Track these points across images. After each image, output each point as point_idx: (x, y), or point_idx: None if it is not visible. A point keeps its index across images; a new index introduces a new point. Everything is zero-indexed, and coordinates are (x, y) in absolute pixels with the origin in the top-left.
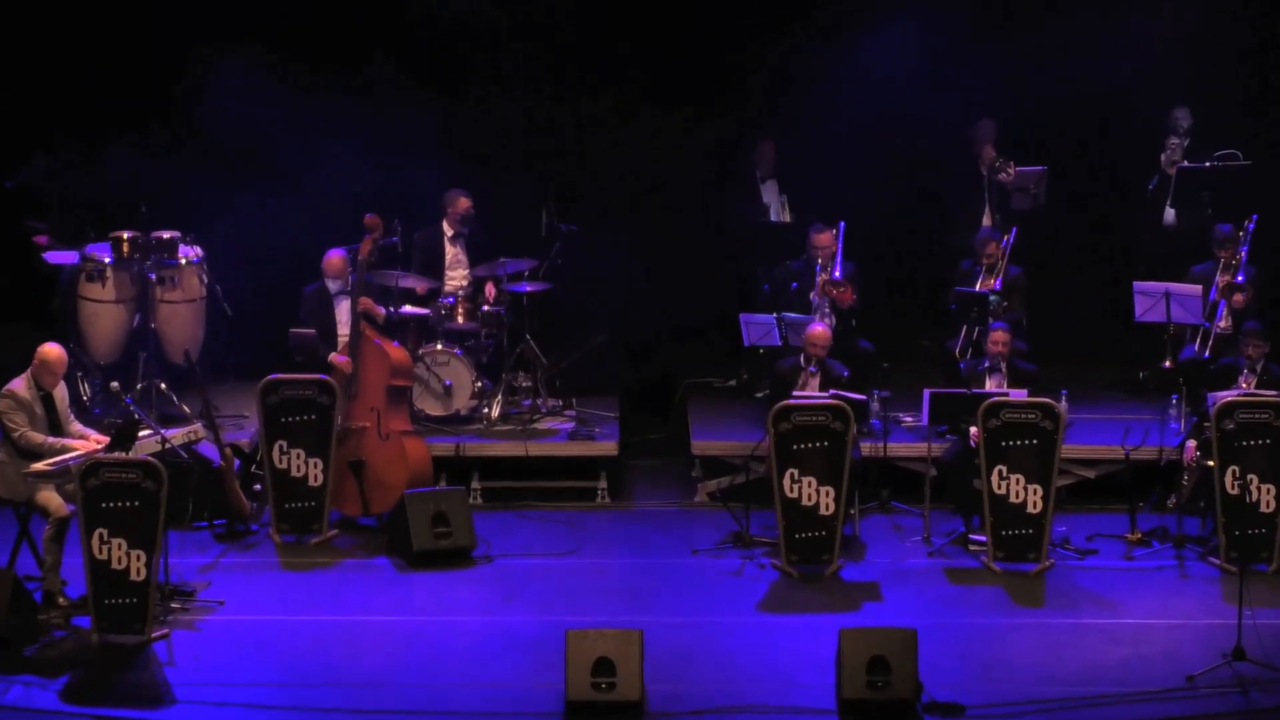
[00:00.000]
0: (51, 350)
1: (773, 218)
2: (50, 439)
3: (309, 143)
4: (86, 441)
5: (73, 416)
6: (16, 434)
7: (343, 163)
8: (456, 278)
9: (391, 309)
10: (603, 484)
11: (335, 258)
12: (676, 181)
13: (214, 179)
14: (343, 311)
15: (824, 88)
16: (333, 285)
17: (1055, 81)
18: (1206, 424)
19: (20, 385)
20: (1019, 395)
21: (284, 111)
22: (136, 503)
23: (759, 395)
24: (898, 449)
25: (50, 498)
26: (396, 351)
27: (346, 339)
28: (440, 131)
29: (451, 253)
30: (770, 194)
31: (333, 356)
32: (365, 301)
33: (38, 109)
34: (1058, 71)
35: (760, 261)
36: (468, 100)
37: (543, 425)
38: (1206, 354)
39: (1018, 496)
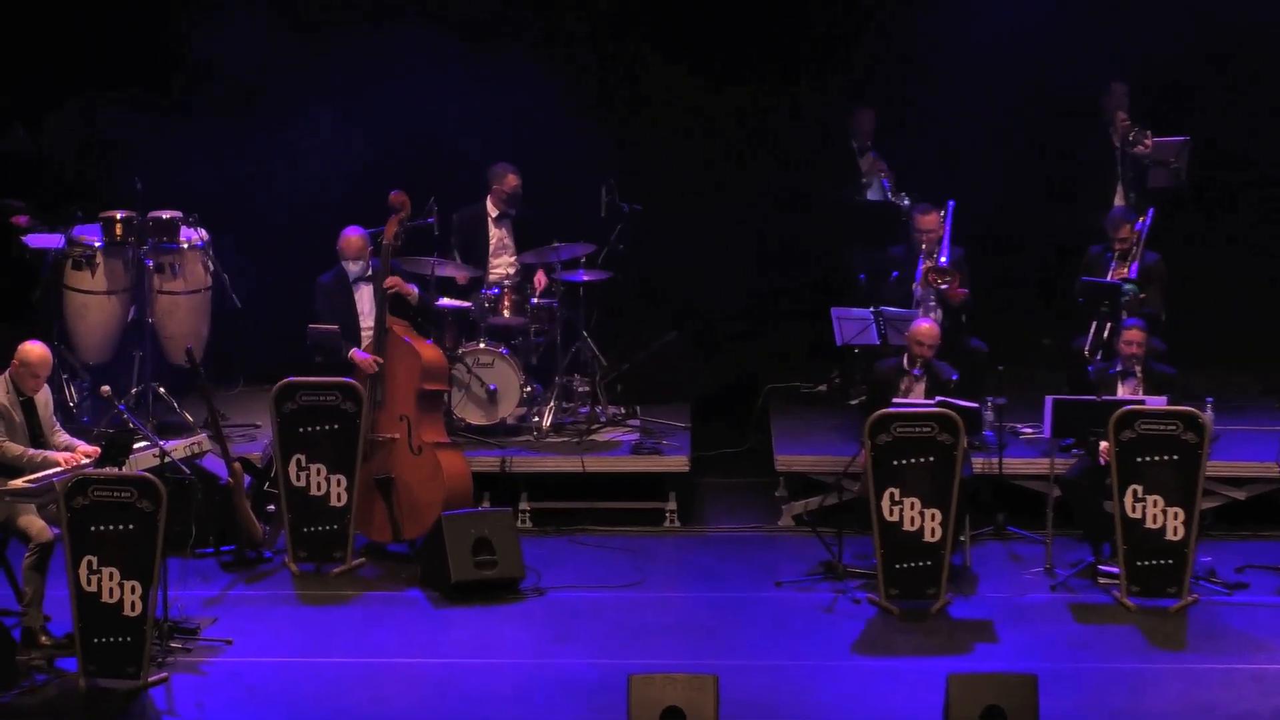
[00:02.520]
0: (33, 349)
1: (870, 196)
2: (31, 450)
3: (327, 107)
4: (73, 454)
5: (58, 425)
6: None
7: (368, 131)
8: (501, 265)
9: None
10: (671, 505)
11: (353, 236)
12: (758, 155)
13: (218, 149)
14: (365, 300)
15: (929, 50)
16: (352, 269)
17: (1199, 37)
18: None
19: None
20: (1156, 403)
21: (296, 69)
22: (131, 525)
23: (853, 402)
24: (1015, 465)
25: (31, 521)
26: (429, 350)
27: (371, 333)
28: (483, 96)
29: (496, 236)
30: (869, 169)
31: (354, 353)
32: (393, 281)
33: (12, 69)
34: (1201, 25)
35: (855, 247)
36: (516, 60)
37: (602, 437)
38: None
39: (1155, 521)
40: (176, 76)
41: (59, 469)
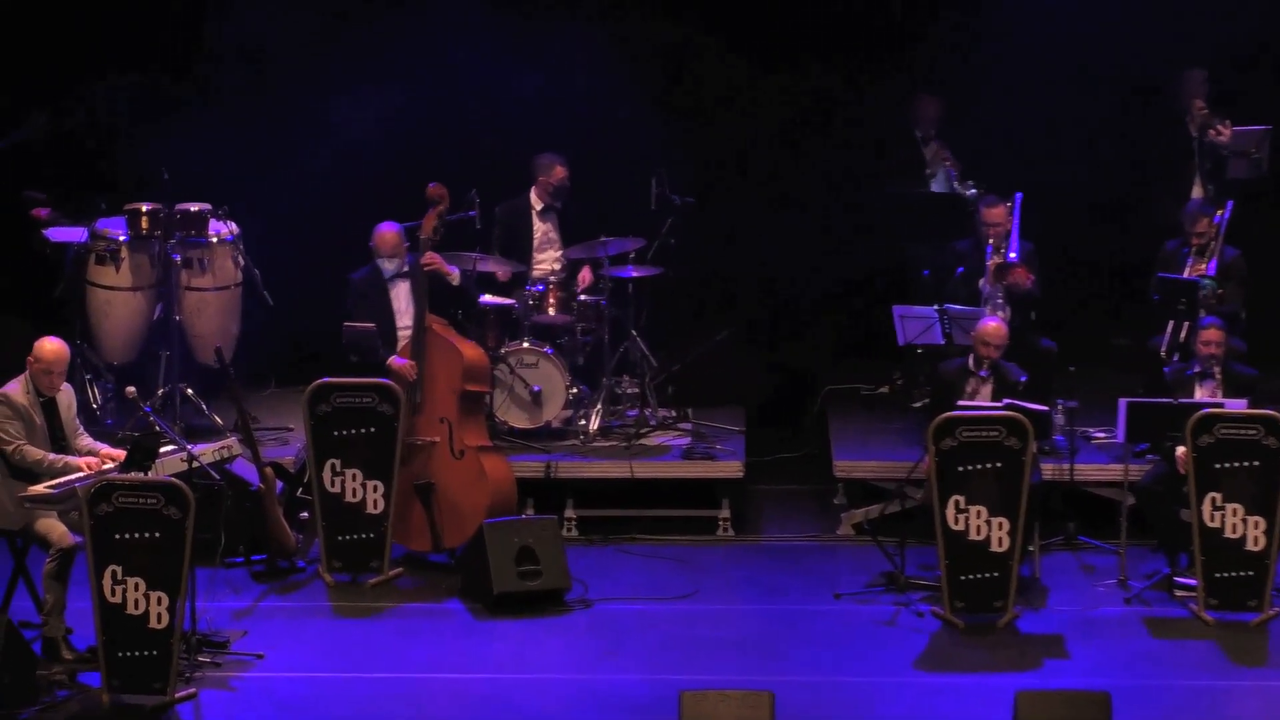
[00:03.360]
0: (48, 345)
1: (935, 187)
2: (51, 455)
3: (360, 91)
4: (96, 459)
5: (81, 428)
6: (10, 448)
7: (404, 118)
8: (546, 260)
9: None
10: (725, 513)
11: (388, 232)
12: (816, 146)
13: (245, 137)
14: (401, 298)
15: (996, 34)
16: (387, 266)
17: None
18: None
19: (16, 389)
20: (1236, 406)
21: (327, 52)
22: (157, 534)
23: (917, 405)
24: (1087, 471)
25: (51, 526)
26: (471, 350)
27: (408, 334)
28: (528, 81)
29: (541, 230)
30: (933, 158)
31: (391, 361)
32: (432, 257)
33: (31, 54)
34: None
35: (919, 241)
36: (563, 43)
37: (652, 441)
38: None
39: (1235, 530)
40: (198, 59)
41: (82, 474)
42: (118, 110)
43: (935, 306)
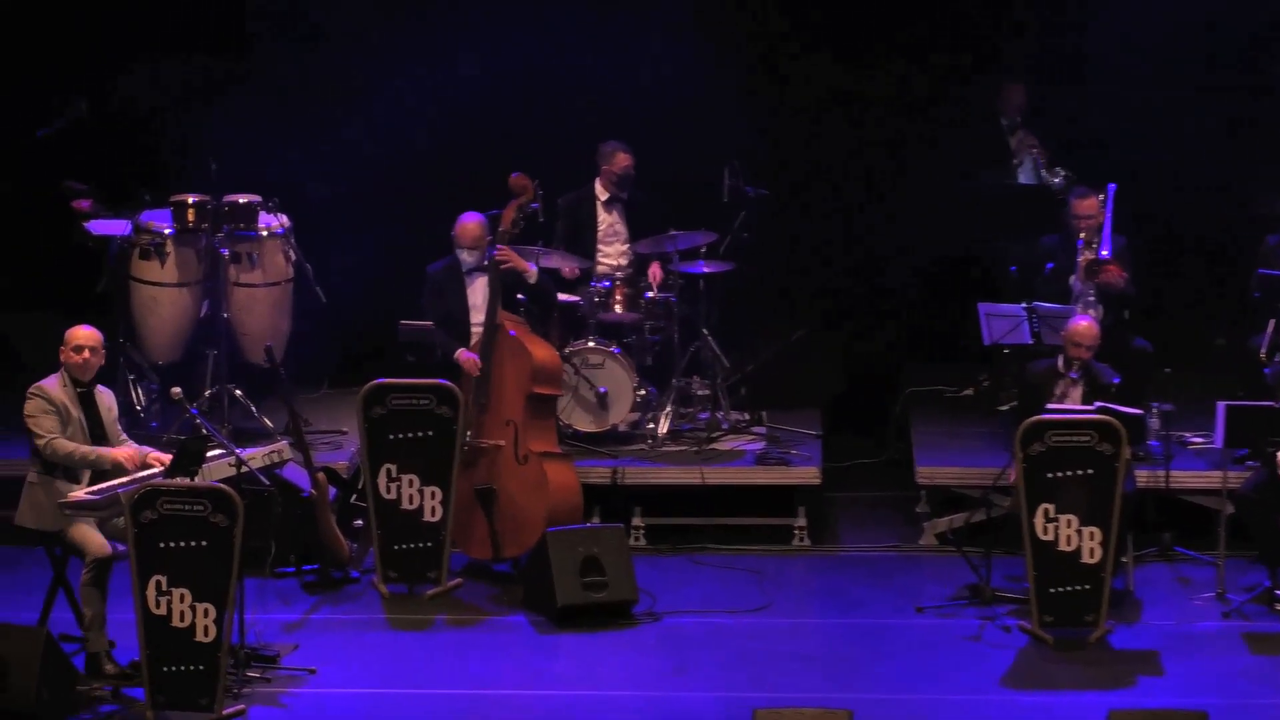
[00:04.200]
0: (79, 329)
1: (1022, 178)
2: (83, 448)
3: (418, 75)
4: (132, 451)
5: (122, 433)
6: (42, 441)
7: (465, 104)
8: (613, 255)
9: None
10: (801, 522)
11: (470, 222)
12: (894, 134)
13: (297, 124)
14: (478, 293)
15: (1084, 17)
16: (468, 259)
17: None
18: None
19: (53, 383)
20: None
21: (382, 33)
22: (204, 542)
23: (1004, 408)
24: (1184, 478)
25: (87, 534)
26: (542, 349)
27: (480, 331)
28: (593, 64)
29: (607, 223)
30: (1018, 147)
31: (460, 353)
32: (507, 253)
33: (73, 37)
34: None
35: (1005, 235)
36: (629, 26)
37: (724, 445)
38: None
39: None
40: (245, 42)
41: (124, 479)
42: (162, 96)
43: (1023, 304)
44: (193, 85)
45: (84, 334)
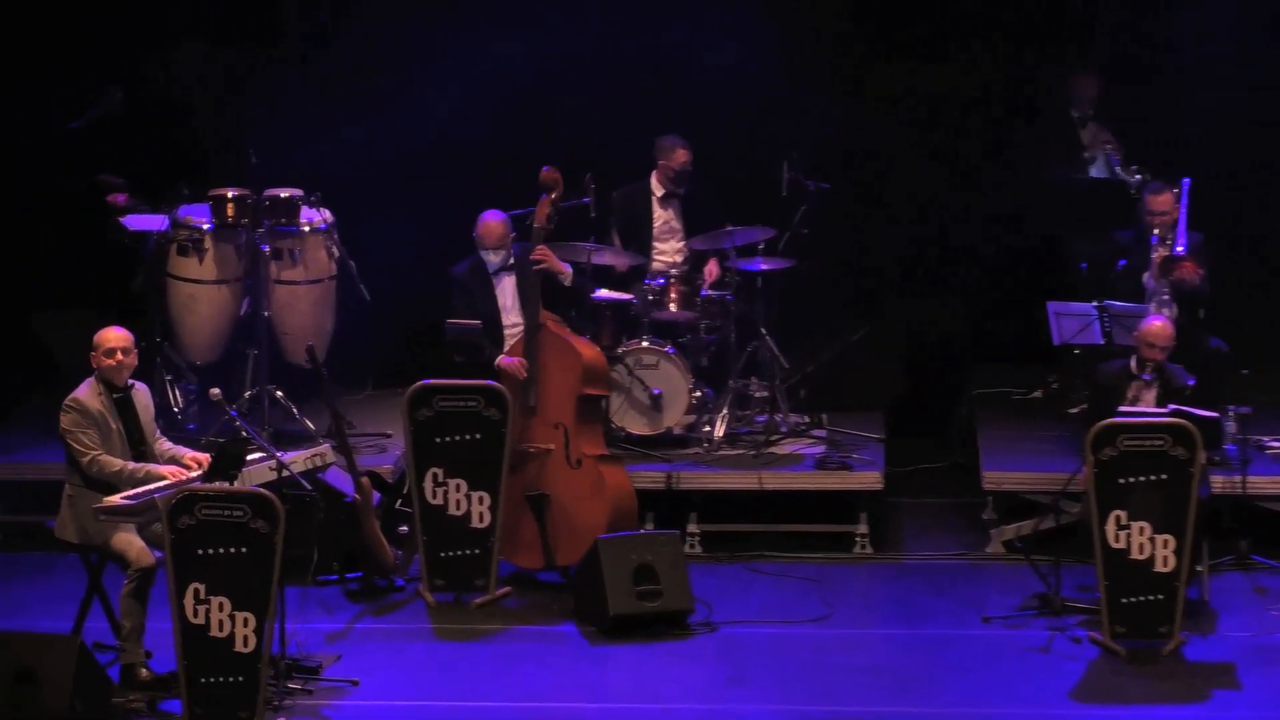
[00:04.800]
0: (109, 332)
1: (1094, 173)
2: (131, 465)
3: (463, 60)
4: (177, 466)
5: (158, 432)
6: (86, 459)
7: (512, 93)
8: (668, 251)
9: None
10: (862, 528)
11: (493, 221)
12: (960, 127)
13: (338, 114)
14: (507, 294)
15: (1158, 6)
16: (492, 259)
17: None
18: None
19: (85, 393)
20: None
21: (426, 18)
22: (244, 549)
23: (1074, 411)
24: (1261, 484)
25: (129, 542)
26: (589, 349)
27: (517, 333)
28: (647, 53)
29: (662, 218)
30: (1091, 141)
31: (500, 359)
32: (543, 252)
33: (107, 24)
34: None
35: (1077, 232)
36: (687, 10)
37: (782, 449)
38: None
39: None
40: (284, 28)
41: (163, 483)
42: (200, 86)
43: (1094, 303)
44: (232, 75)
45: (114, 335)
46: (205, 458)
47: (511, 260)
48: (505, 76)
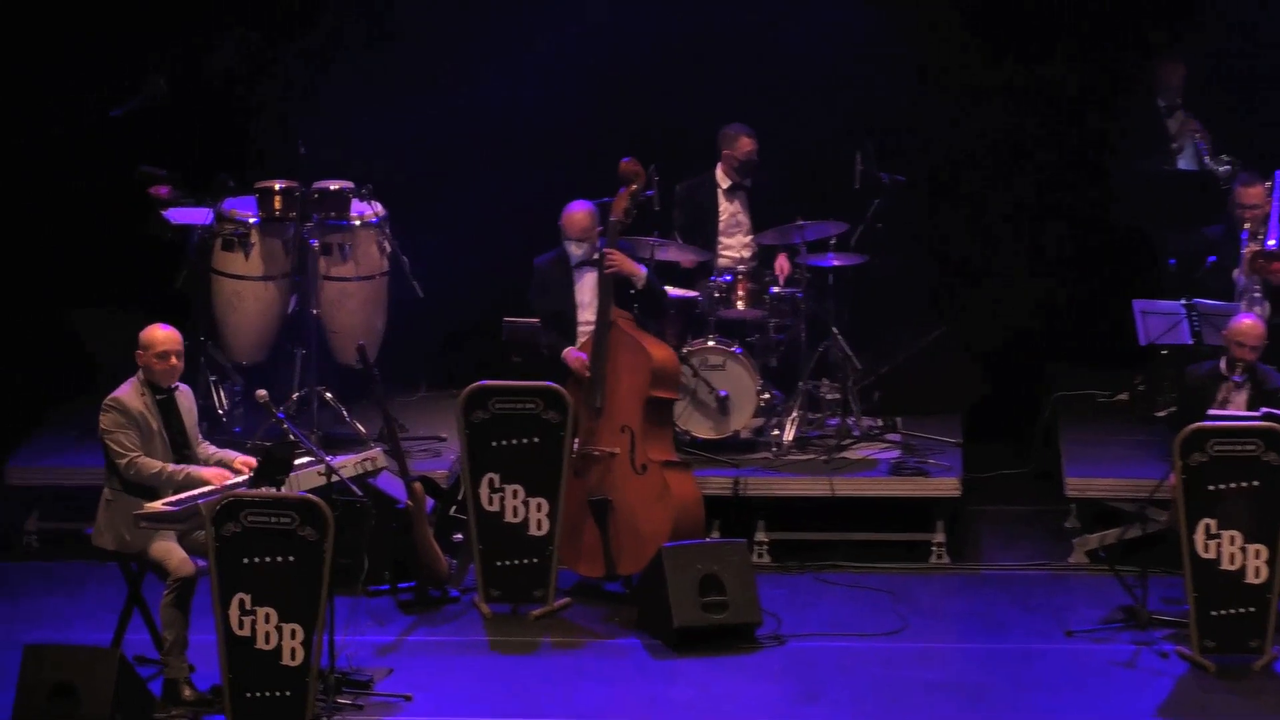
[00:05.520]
0: (158, 329)
1: (1182, 164)
2: (171, 467)
3: (520, 45)
4: (223, 470)
5: (202, 438)
6: (124, 460)
7: (573, 78)
8: (735, 246)
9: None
10: (939, 537)
11: (579, 211)
12: (1042, 117)
13: (388, 102)
14: (586, 288)
15: None
16: (575, 251)
17: None
18: None
19: (127, 392)
20: None
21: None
22: (291, 557)
23: (1161, 414)
24: None
25: (169, 550)
26: (660, 350)
27: (589, 330)
28: (713, 36)
29: (728, 212)
30: (1178, 130)
31: (567, 353)
32: (615, 257)
33: (151, 11)
34: None
35: (1163, 226)
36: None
37: (855, 454)
38: None
39: None
40: (331, 11)
41: (207, 489)
42: (247, 74)
43: (1182, 301)
44: (281, 62)
45: (164, 336)
46: (254, 462)
47: (596, 254)
48: (565, 64)
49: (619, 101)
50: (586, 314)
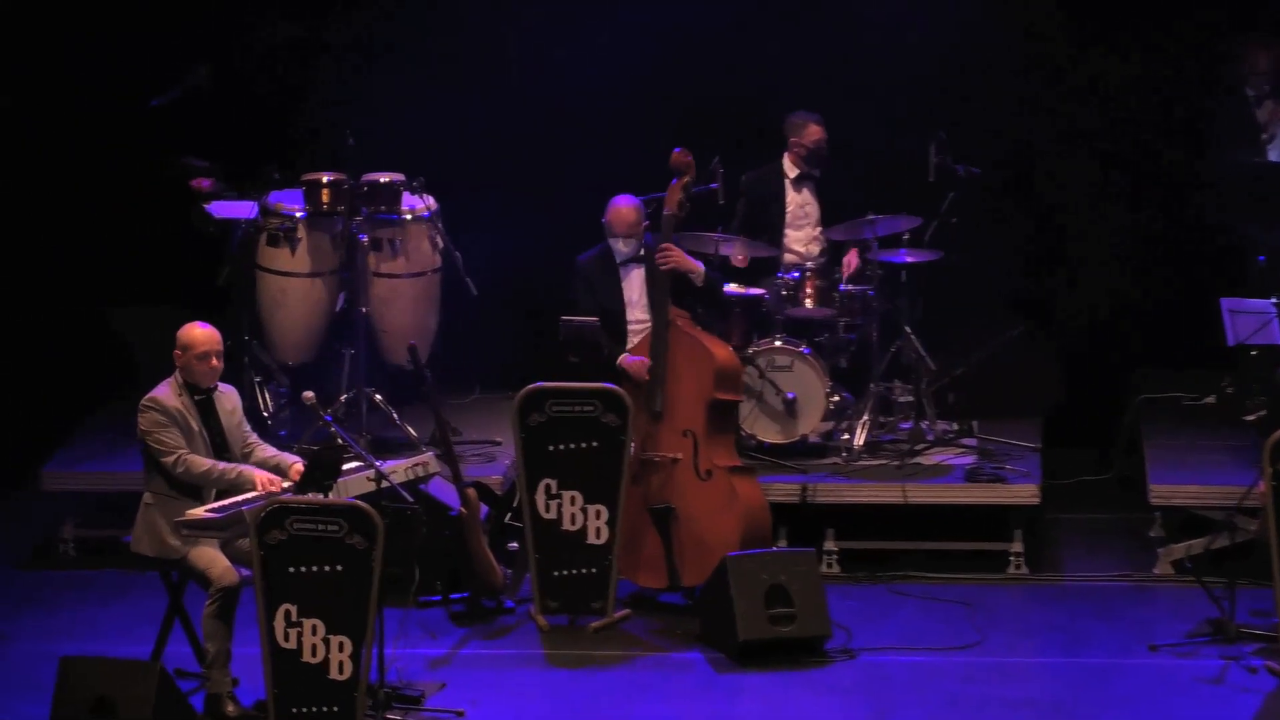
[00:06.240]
0: (194, 327)
1: (1272, 155)
2: (221, 465)
3: (578, 29)
4: (275, 475)
5: (254, 436)
6: (172, 458)
7: (632, 66)
8: (802, 240)
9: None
10: (1017, 546)
11: (625, 206)
12: (1124, 106)
13: (445, 93)
14: (634, 287)
15: None
16: (621, 248)
17: None
18: None
19: (165, 392)
20: None
21: None
22: (339, 566)
23: (1250, 418)
24: None
25: (212, 559)
26: (723, 350)
27: (642, 330)
28: (780, 18)
29: (795, 203)
30: (1269, 118)
31: (623, 359)
32: (669, 254)
33: None
34: None
35: (1253, 221)
36: None
37: (929, 459)
38: None
39: None
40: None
41: (251, 494)
42: (293, 62)
43: (1273, 299)
44: (329, 50)
45: (204, 335)
46: (299, 462)
47: (642, 251)
48: (625, 50)
49: (680, 88)
50: (636, 312)
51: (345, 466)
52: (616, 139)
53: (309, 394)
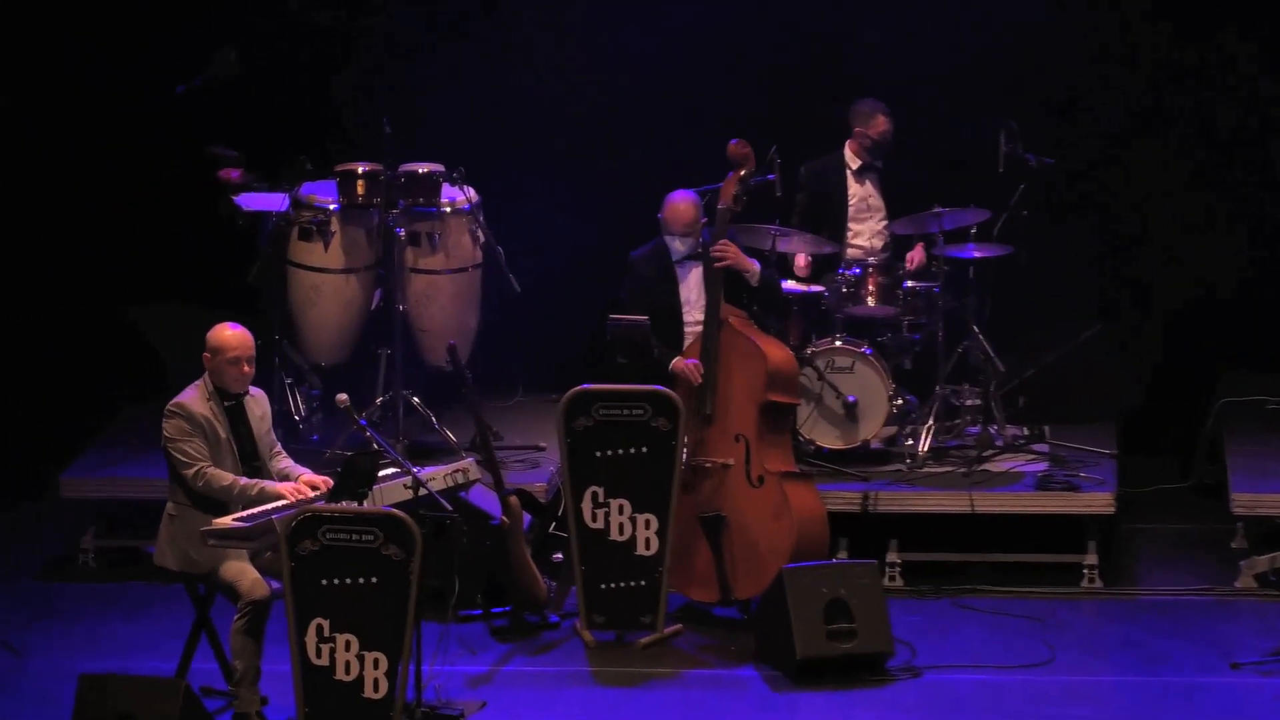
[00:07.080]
0: (225, 329)
1: None
2: (244, 481)
3: (645, 27)
4: (300, 486)
5: (278, 446)
6: (192, 470)
7: (685, 54)
8: (865, 234)
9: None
10: (1091, 558)
11: (683, 203)
12: (1207, 95)
13: (486, 79)
14: (692, 286)
15: None
16: (677, 246)
17: None
18: None
19: (193, 397)
20: None
21: None
22: (374, 579)
23: None
24: None
25: (241, 571)
26: (778, 351)
27: (696, 331)
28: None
29: (858, 195)
30: None
31: (676, 362)
32: (724, 251)
33: None
34: None
35: None
36: None
37: (998, 466)
38: None
39: None
40: None
41: (280, 503)
42: (327, 47)
43: None
44: (364, 34)
45: (234, 337)
46: (326, 481)
47: (699, 248)
48: (679, 35)
49: (739, 76)
50: (694, 313)
51: (381, 473)
52: (671, 125)
53: (343, 396)
